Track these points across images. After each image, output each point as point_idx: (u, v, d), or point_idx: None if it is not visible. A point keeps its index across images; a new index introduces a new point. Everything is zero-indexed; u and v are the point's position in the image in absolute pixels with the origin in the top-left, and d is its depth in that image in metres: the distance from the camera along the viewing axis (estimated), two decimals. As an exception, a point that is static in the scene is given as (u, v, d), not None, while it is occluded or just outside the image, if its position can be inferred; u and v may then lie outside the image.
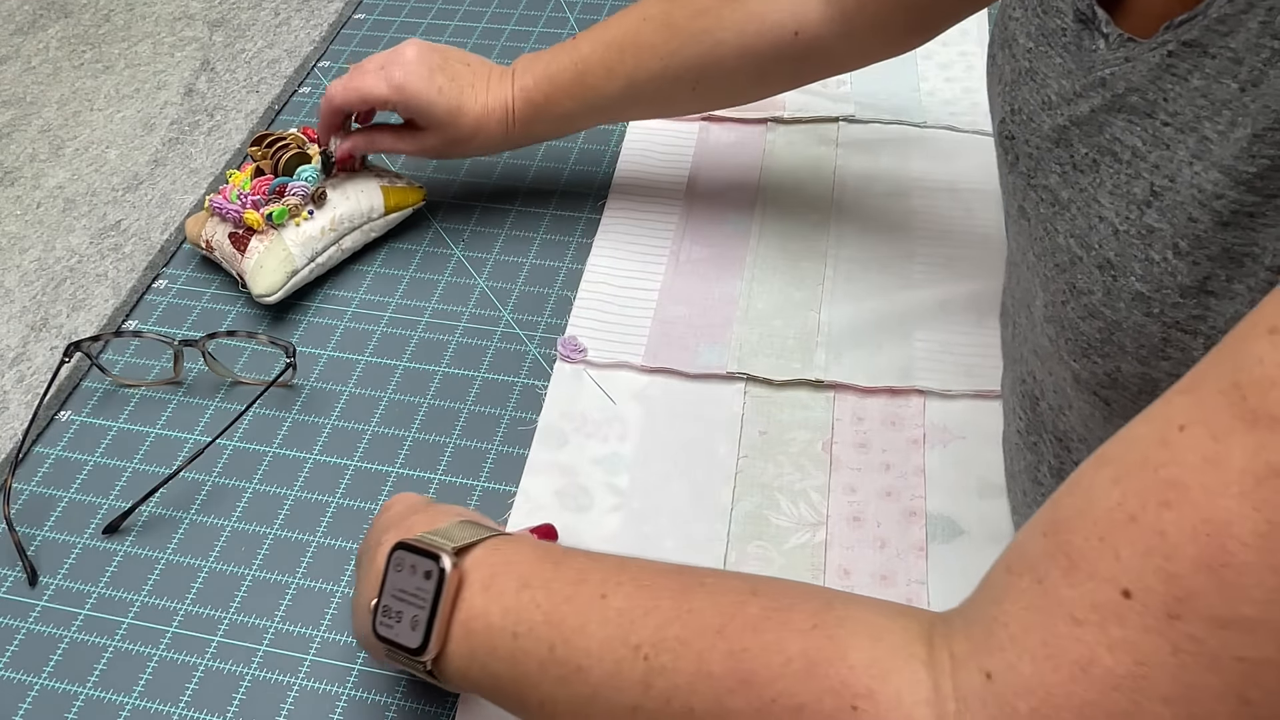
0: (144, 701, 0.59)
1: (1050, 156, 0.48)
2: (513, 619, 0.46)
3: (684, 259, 0.81)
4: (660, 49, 0.75)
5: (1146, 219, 0.41)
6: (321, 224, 0.79)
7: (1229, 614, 0.30)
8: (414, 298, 0.81)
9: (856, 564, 0.63)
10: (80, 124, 0.96)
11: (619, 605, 0.44)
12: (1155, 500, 0.32)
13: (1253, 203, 0.37)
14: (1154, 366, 0.42)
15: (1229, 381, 0.32)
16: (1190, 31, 0.39)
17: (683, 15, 0.75)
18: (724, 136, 0.92)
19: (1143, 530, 0.32)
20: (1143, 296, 0.41)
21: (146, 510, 0.68)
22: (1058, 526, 0.35)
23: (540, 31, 1.06)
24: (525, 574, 0.47)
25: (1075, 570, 0.33)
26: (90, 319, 0.78)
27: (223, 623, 0.62)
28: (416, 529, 0.51)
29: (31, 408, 0.72)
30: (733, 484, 0.67)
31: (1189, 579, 0.31)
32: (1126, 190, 0.42)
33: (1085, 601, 0.33)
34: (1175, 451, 0.32)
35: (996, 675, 0.34)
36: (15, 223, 0.87)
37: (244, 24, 1.07)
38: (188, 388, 0.75)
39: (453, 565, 0.48)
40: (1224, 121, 0.38)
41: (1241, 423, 0.31)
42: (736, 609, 0.42)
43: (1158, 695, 0.31)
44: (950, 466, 0.67)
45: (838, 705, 0.37)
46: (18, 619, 0.63)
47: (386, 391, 0.74)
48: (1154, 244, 0.41)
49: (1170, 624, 0.31)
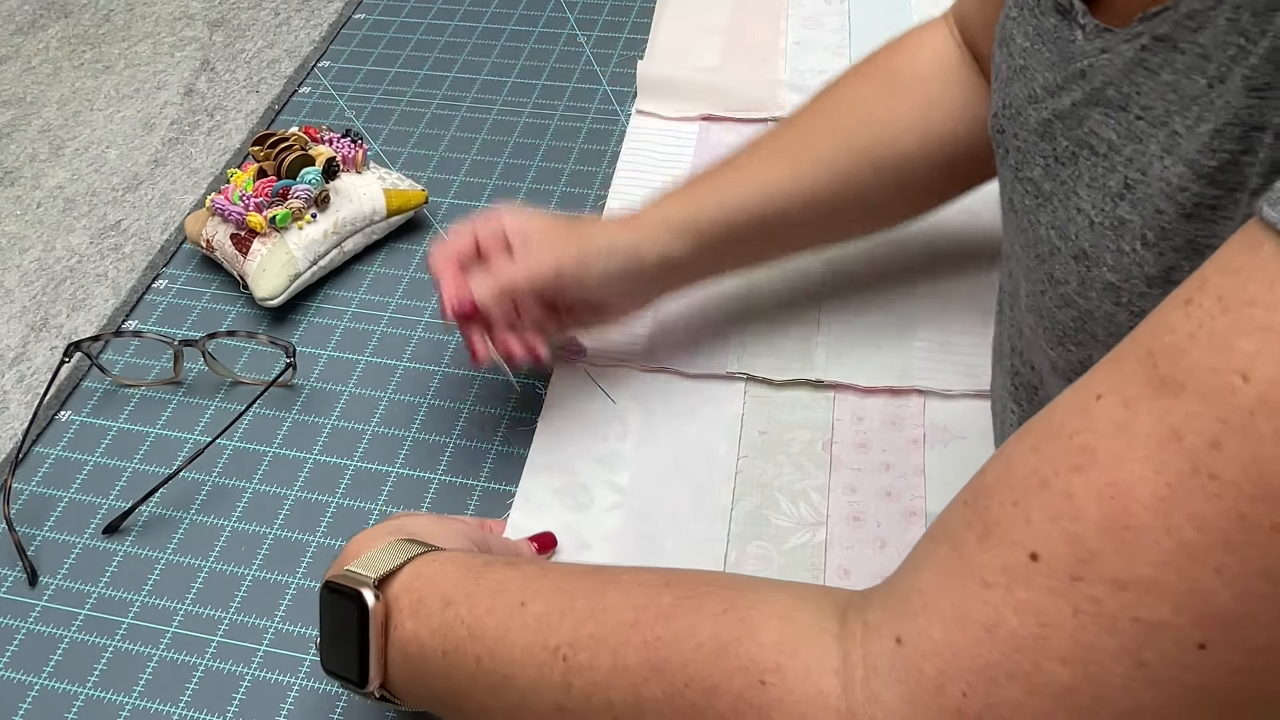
0: (144, 701, 0.59)
1: (1035, 150, 0.48)
2: (440, 638, 0.47)
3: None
4: (824, 129, 0.68)
5: (1119, 211, 0.42)
6: (324, 227, 0.79)
7: (1128, 575, 0.30)
8: (414, 298, 0.81)
9: (856, 564, 0.63)
10: (80, 124, 0.96)
11: (537, 610, 0.45)
12: (1067, 465, 0.32)
13: (1213, 195, 0.38)
14: None
15: (1145, 349, 0.32)
16: (1162, 26, 0.40)
17: (841, 106, 0.69)
18: (724, 137, 0.92)
19: (1053, 494, 0.32)
20: (1113, 286, 0.42)
21: (146, 510, 0.68)
22: (978, 495, 0.35)
23: (540, 31, 1.06)
24: (448, 592, 0.48)
25: (989, 536, 0.34)
26: (90, 319, 0.78)
27: (223, 623, 0.62)
28: (348, 557, 0.52)
29: (31, 408, 0.73)
30: (733, 483, 0.67)
31: (1092, 541, 0.31)
32: (1103, 183, 0.43)
33: (995, 565, 0.33)
34: (1090, 419, 0.33)
35: (906, 639, 0.35)
36: (15, 223, 0.87)
37: (244, 24, 1.07)
38: (188, 388, 0.75)
39: (375, 598, 0.48)
40: (1192, 117, 0.38)
41: (1150, 389, 0.31)
42: (650, 600, 0.42)
43: (1056, 656, 0.31)
44: (950, 467, 0.67)
45: (746, 682, 0.37)
46: (18, 619, 0.63)
47: (386, 391, 0.74)
48: (1124, 235, 0.41)
49: (1073, 585, 0.31)
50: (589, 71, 1.01)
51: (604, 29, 1.06)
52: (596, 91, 0.98)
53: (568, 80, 1.00)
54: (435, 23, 1.08)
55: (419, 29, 1.07)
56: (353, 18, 1.09)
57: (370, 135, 0.94)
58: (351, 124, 0.96)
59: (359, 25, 1.08)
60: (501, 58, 1.03)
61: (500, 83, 1.00)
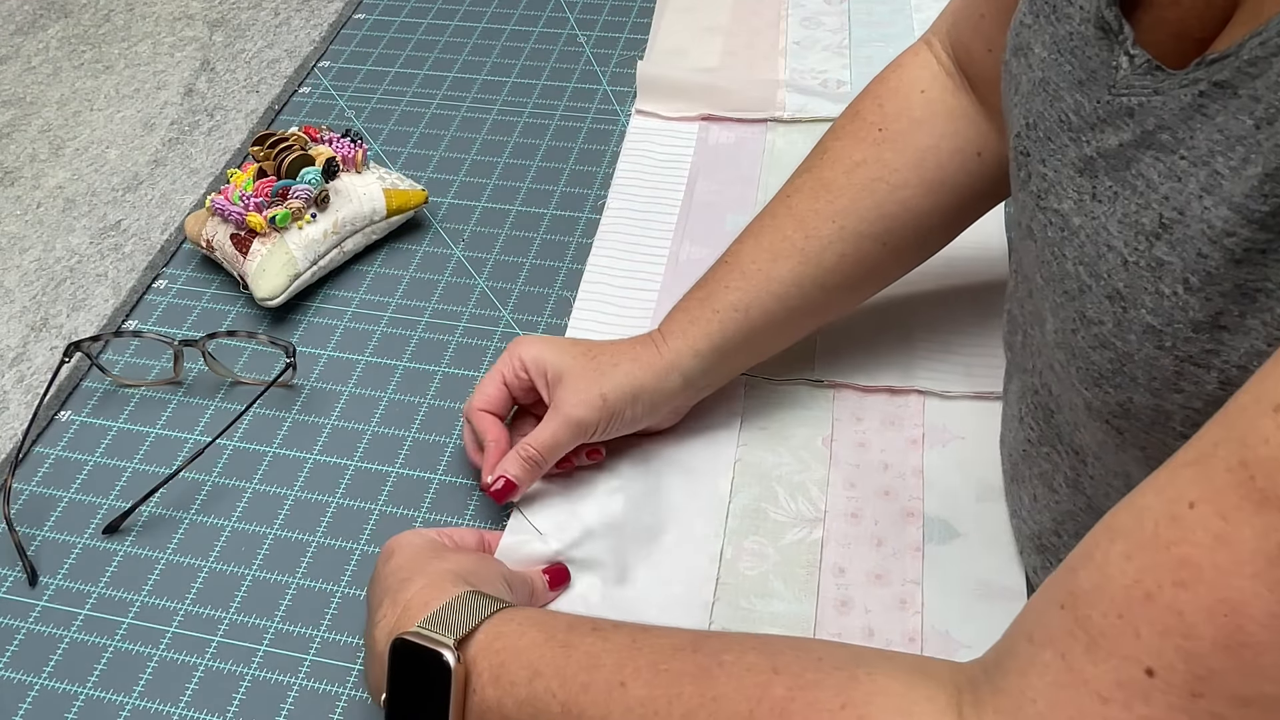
0: (144, 701, 0.59)
1: (1070, 184, 0.47)
2: (529, 711, 0.46)
3: (683, 259, 0.81)
4: (825, 212, 0.65)
5: (1156, 251, 0.41)
6: (324, 227, 0.79)
7: (1251, 692, 0.31)
8: (414, 298, 0.81)
9: (853, 562, 0.63)
10: (80, 124, 0.96)
11: (640, 694, 0.44)
12: (1170, 579, 0.33)
13: (1265, 240, 0.37)
14: (1166, 399, 0.42)
15: (1236, 459, 0.32)
16: (1222, 72, 0.39)
17: (835, 173, 0.66)
18: (724, 136, 0.92)
19: (1160, 609, 0.33)
20: (1154, 330, 0.41)
21: (146, 510, 0.68)
22: (1075, 600, 0.35)
23: (540, 31, 1.06)
24: (534, 660, 0.47)
25: (1097, 648, 0.34)
26: (90, 319, 0.78)
27: (223, 623, 0.62)
28: (415, 607, 0.51)
29: (31, 408, 0.73)
30: (731, 474, 0.67)
31: (1209, 658, 0.31)
32: (1135, 220, 0.42)
33: (1110, 679, 0.33)
34: (1186, 529, 0.33)
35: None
36: (15, 223, 0.87)
37: (244, 24, 1.07)
38: (188, 388, 0.75)
39: (457, 660, 0.47)
40: (1236, 158, 0.38)
41: (1250, 503, 0.31)
42: (762, 692, 0.41)
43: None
44: (949, 468, 0.67)
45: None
46: (18, 619, 0.63)
47: (386, 391, 0.74)
48: (1164, 277, 0.40)
49: (1194, 701, 0.32)
50: (589, 71, 1.01)
51: (604, 29, 1.06)
52: (596, 91, 0.98)
53: (568, 80, 1.00)
54: (435, 23, 1.08)
55: (419, 29, 1.07)
56: (353, 18, 1.09)
57: (370, 135, 0.94)
58: (351, 124, 0.96)
59: (359, 25, 1.08)
60: (501, 58, 1.03)
61: (500, 83, 1.00)
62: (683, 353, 0.65)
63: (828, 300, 0.67)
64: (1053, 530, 0.56)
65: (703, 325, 0.65)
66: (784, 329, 0.67)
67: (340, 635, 0.62)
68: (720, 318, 0.65)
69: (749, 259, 0.66)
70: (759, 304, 0.65)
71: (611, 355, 0.65)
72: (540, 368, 0.65)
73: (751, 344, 0.66)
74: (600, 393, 0.63)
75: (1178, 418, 0.39)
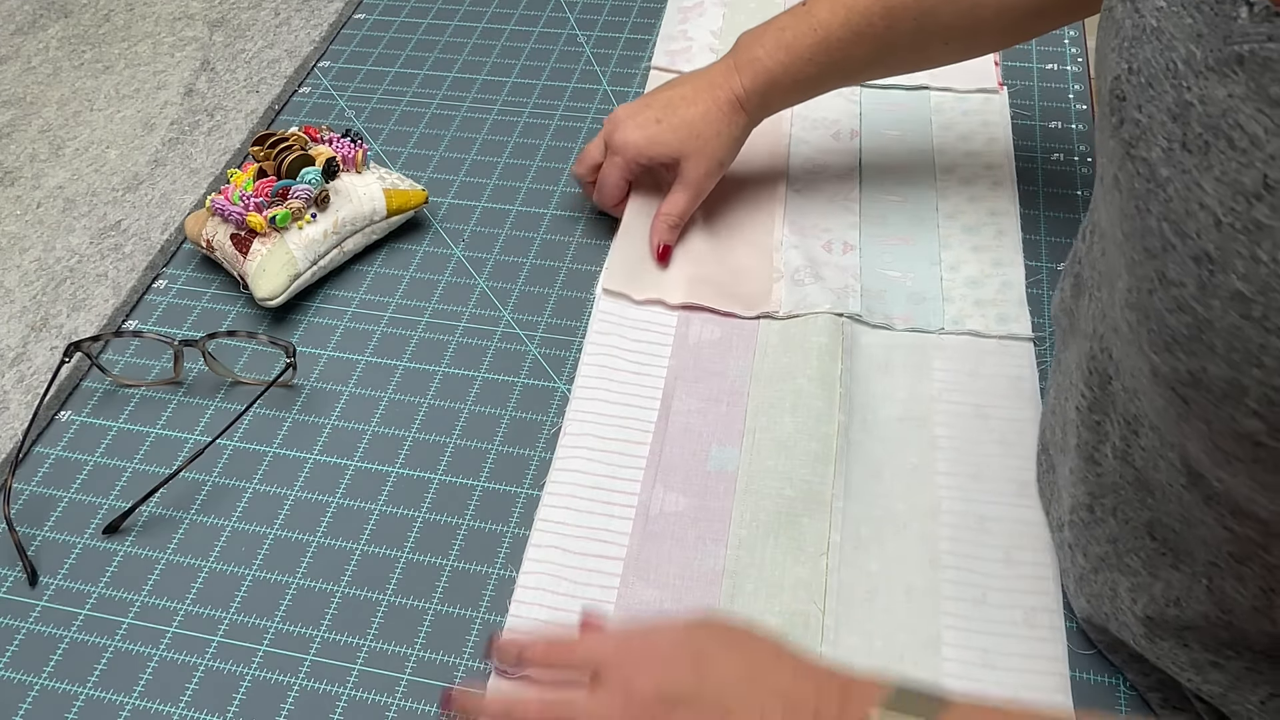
0: (144, 701, 0.59)
1: (1160, 129, 0.44)
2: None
3: (654, 513, 0.66)
4: (914, 8, 0.75)
5: (1255, 213, 0.38)
6: (324, 227, 0.79)
7: None
8: (414, 298, 0.81)
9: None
10: (80, 124, 0.96)
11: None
12: None
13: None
14: (1245, 372, 0.39)
15: None
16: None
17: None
18: (707, 333, 0.77)
19: None
20: (1243, 297, 0.38)
21: (146, 510, 0.68)
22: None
23: (540, 31, 1.06)
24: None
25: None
26: (90, 319, 0.78)
27: (223, 623, 0.62)
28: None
29: (31, 408, 0.73)
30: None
31: None
32: (1235, 178, 0.39)
33: None
34: None
35: None
36: (15, 223, 0.87)
37: (244, 24, 1.07)
38: (188, 388, 0.75)
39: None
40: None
41: None
42: None
43: None
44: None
45: None
46: (18, 619, 0.63)
47: (386, 391, 0.74)
48: (1262, 242, 0.38)
49: None
50: (589, 71, 1.01)
51: (604, 29, 1.06)
52: (596, 91, 0.98)
53: (568, 80, 1.00)
54: (435, 23, 1.08)
55: (419, 29, 1.07)
56: (353, 18, 1.09)
57: (370, 135, 0.94)
58: (351, 124, 0.96)
59: (359, 25, 1.08)
60: (501, 58, 1.03)
61: (500, 83, 1.00)
62: (763, 111, 0.80)
63: (884, 71, 0.82)
64: (1086, 505, 0.55)
65: (772, 28, 0.78)
66: (857, 58, 0.77)
67: (340, 635, 0.62)
68: (790, 26, 0.77)
69: (825, 9, 0.76)
70: (834, 27, 0.76)
71: (714, 126, 0.79)
72: (664, 153, 0.79)
73: (826, 49, 0.76)
74: (719, 161, 0.79)
75: (1254, 394, 0.36)
